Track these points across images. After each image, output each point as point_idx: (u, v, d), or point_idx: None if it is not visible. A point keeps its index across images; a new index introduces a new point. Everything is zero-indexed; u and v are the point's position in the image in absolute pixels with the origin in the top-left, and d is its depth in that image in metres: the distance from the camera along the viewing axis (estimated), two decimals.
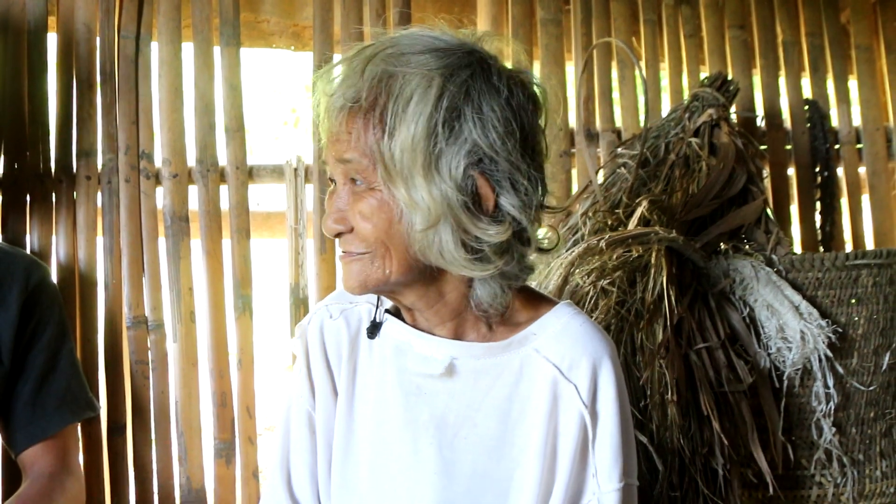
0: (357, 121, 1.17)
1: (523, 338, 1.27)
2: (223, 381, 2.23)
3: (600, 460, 1.24)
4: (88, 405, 1.90)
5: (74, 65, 2.20)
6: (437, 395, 1.29)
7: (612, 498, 1.24)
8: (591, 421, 1.24)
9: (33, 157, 2.16)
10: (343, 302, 1.39)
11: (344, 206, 1.20)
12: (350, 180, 1.20)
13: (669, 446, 1.74)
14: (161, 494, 2.19)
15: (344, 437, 1.35)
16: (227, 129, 2.27)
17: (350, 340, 1.36)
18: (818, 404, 1.93)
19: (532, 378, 1.26)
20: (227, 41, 2.28)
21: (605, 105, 2.49)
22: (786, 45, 2.64)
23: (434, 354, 1.28)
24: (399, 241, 1.19)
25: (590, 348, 1.25)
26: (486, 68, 1.19)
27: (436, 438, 1.28)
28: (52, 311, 1.86)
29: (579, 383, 1.24)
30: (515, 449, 1.27)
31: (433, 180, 1.15)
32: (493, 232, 1.18)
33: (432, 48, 1.18)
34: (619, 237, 1.85)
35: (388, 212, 1.17)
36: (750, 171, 2.07)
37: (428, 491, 1.27)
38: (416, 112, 1.14)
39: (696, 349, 1.83)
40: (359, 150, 1.17)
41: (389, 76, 1.16)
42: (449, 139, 1.15)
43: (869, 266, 1.97)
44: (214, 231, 2.24)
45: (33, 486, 1.74)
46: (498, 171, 1.18)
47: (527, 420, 1.26)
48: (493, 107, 1.17)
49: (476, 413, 1.27)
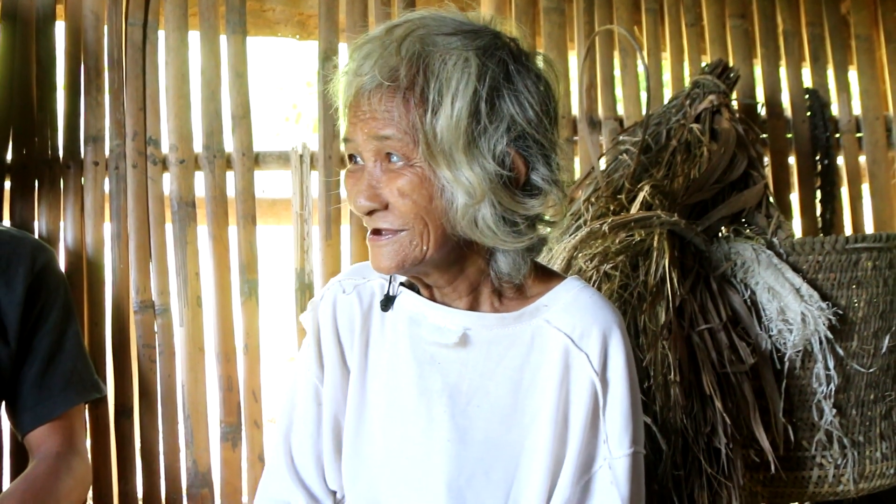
0: (395, 99, 1.18)
1: (535, 309, 1.31)
2: (229, 366, 2.25)
3: (611, 426, 1.28)
4: (94, 386, 1.92)
5: (82, 52, 2.22)
6: (450, 364, 1.32)
7: (622, 463, 1.27)
8: (601, 388, 1.27)
9: (41, 143, 2.18)
10: (356, 278, 1.42)
11: (377, 184, 1.21)
12: (384, 156, 1.21)
13: (673, 426, 1.76)
14: (168, 477, 2.21)
15: (356, 410, 1.37)
16: (234, 116, 2.30)
17: (363, 315, 1.39)
18: (819, 386, 1.95)
19: (543, 348, 1.30)
20: (233, 29, 2.31)
21: (608, 93, 2.51)
22: (786, 35, 2.66)
23: (448, 325, 1.31)
24: (438, 217, 1.21)
25: (600, 318, 1.29)
26: (514, 49, 1.23)
27: (449, 406, 1.31)
28: (58, 294, 1.88)
29: (590, 352, 1.28)
30: (527, 417, 1.30)
31: (475, 157, 1.18)
32: (531, 205, 1.22)
33: (461, 30, 1.21)
34: (622, 221, 1.87)
35: (428, 188, 1.19)
36: (751, 156, 2.09)
37: (441, 457, 1.30)
38: (458, 90, 1.17)
39: (698, 331, 1.85)
40: (399, 127, 1.18)
41: (427, 55, 1.18)
42: (490, 116, 1.18)
43: (869, 250, 1.99)
44: (221, 216, 2.26)
45: (40, 466, 1.76)
46: (531, 147, 1.22)
47: (538, 388, 1.30)
48: (527, 85, 1.21)
49: (488, 382, 1.31)
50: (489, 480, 1.29)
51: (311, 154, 2.34)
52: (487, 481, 1.29)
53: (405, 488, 1.32)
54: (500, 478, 1.29)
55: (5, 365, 1.79)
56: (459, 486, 1.29)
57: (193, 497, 2.21)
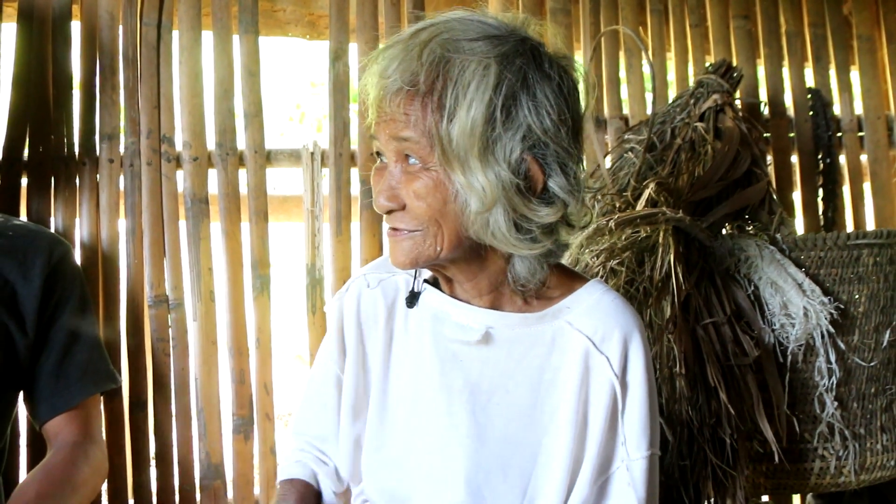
0: (415, 103, 1.20)
1: (557, 311, 1.33)
2: (242, 359, 2.29)
3: (629, 429, 1.30)
4: (110, 377, 1.95)
5: (98, 51, 2.26)
6: (472, 361, 1.34)
7: (639, 465, 1.30)
8: (621, 391, 1.30)
9: (57, 141, 2.22)
10: (381, 272, 1.45)
11: (396, 185, 1.24)
12: (404, 157, 1.23)
13: (678, 418, 1.80)
14: (181, 469, 2.25)
15: (379, 403, 1.41)
16: (246, 114, 2.33)
17: (387, 309, 1.42)
18: (820, 379, 1.98)
19: (564, 349, 1.32)
20: (245, 28, 2.35)
21: (613, 93, 2.55)
22: (789, 35, 2.70)
23: (471, 323, 1.33)
24: (452, 220, 1.23)
25: (621, 322, 1.31)
26: (539, 55, 1.23)
27: (469, 403, 1.33)
28: (74, 286, 1.92)
29: (611, 355, 1.30)
30: (545, 416, 1.32)
31: (489, 163, 1.19)
32: (544, 213, 1.23)
33: (486, 35, 1.22)
34: (628, 217, 1.91)
35: (443, 192, 1.21)
36: (754, 154, 2.13)
37: (459, 453, 1.33)
38: (474, 97, 1.17)
39: (702, 324, 1.88)
40: (417, 130, 1.20)
41: (447, 61, 1.19)
42: (506, 124, 1.19)
43: (870, 246, 2.02)
44: (233, 213, 2.30)
45: (58, 455, 1.79)
46: (549, 155, 1.22)
47: (557, 389, 1.32)
48: (546, 93, 1.21)
49: (509, 380, 1.33)
50: (507, 478, 1.32)
51: (322, 152, 2.38)
52: (505, 478, 1.32)
53: (424, 483, 1.35)
54: (518, 476, 1.32)
55: (23, 355, 1.82)
56: (478, 483, 1.31)
57: (206, 489, 2.25)
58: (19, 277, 1.83)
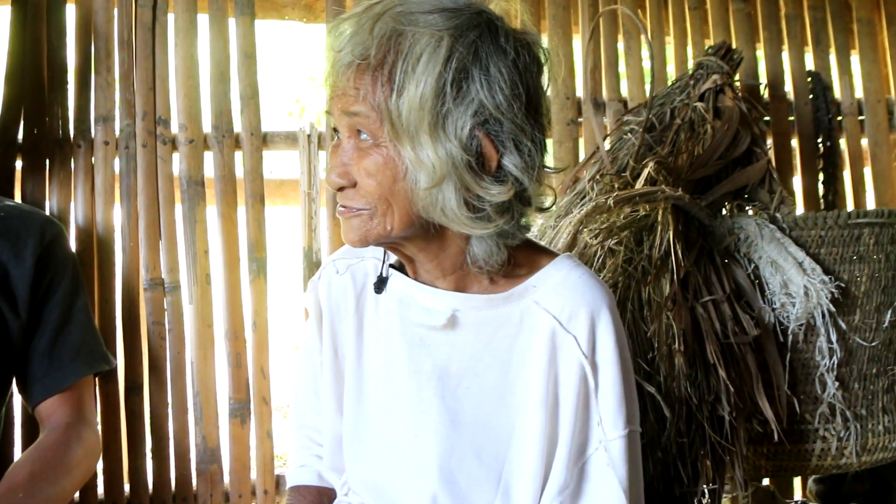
0: (365, 77, 1.17)
1: (523, 290, 1.29)
2: (238, 343, 2.27)
3: (604, 409, 1.27)
4: (103, 358, 1.94)
5: (93, 33, 2.25)
6: (439, 346, 1.32)
7: (617, 445, 1.27)
8: (591, 371, 1.26)
9: (52, 123, 2.22)
10: (350, 257, 1.42)
11: (348, 161, 1.21)
12: (356, 133, 1.20)
13: (677, 395, 1.78)
14: (177, 453, 2.24)
15: (355, 391, 1.39)
16: (242, 97, 2.32)
17: (356, 295, 1.39)
18: (821, 359, 1.96)
19: (532, 329, 1.28)
20: (241, 11, 2.33)
21: (612, 75, 2.53)
22: (788, 19, 2.68)
23: (436, 306, 1.30)
24: (402, 198, 1.19)
25: (588, 299, 1.27)
26: (494, 29, 1.19)
27: (439, 388, 1.31)
28: (67, 267, 1.90)
29: (578, 334, 1.26)
30: (517, 398, 1.29)
31: (439, 139, 1.15)
32: (496, 192, 1.19)
33: (441, 7, 1.18)
34: (627, 195, 1.89)
35: (392, 169, 1.18)
36: (754, 133, 2.11)
37: (432, 439, 1.30)
38: (424, 71, 1.14)
39: (702, 302, 1.87)
40: (367, 104, 1.17)
41: (399, 34, 1.16)
42: (456, 99, 1.15)
43: (870, 225, 2.00)
44: (229, 195, 2.29)
45: (51, 436, 1.78)
46: (502, 132, 1.18)
47: (527, 370, 1.29)
48: (500, 68, 1.17)
49: (478, 363, 1.30)
50: (481, 462, 1.29)
51: (319, 134, 2.37)
52: (479, 463, 1.29)
53: (400, 471, 1.34)
54: (492, 459, 1.29)
55: (16, 337, 1.81)
56: (451, 468, 1.29)
57: (202, 473, 2.24)
58: (11, 258, 1.82)
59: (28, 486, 1.65)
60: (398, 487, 1.33)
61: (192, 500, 2.24)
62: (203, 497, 2.23)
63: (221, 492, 2.25)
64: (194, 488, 2.24)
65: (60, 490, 1.71)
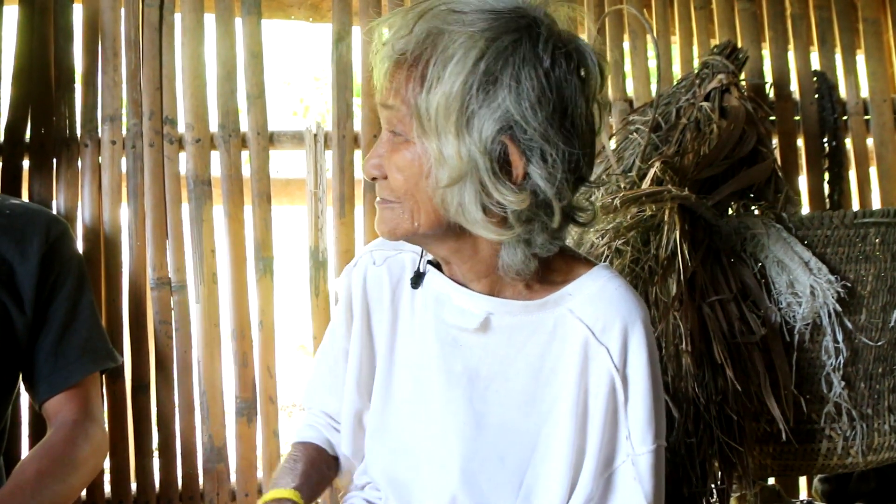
0: (401, 73, 1.20)
1: (559, 297, 1.30)
2: (244, 342, 2.28)
3: (633, 423, 1.27)
4: (109, 355, 1.94)
5: (100, 33, 2.26)
6: (471, 348, 1.32)
7: (645, 459, 1.27)
8: (622, 384, 1.26)
9: (59, 122, 2.22)
10: (387, 249, 1.43)
11: (383, 153, 1.24)
12: (392, 130, 1.23)
13: (684, 395, 1.78)
14: (184, 452, 2.24)
15: (384, 384, 1.40)
16: (249, 96, 2.32)
17: (392, 288, 1.40)
18: (827, 359, 1.97)
19: (564, 338, 1.29)
20: (248, 10, 2.34)
21: (617, 74, 2.53)
22: (794, 18, 2.68)
23: (471, 308, 1.31)
24: (426, 196, 1.21)
25: (623, 311, 1.27)
26: (535, 35, 1.18)
27: (467, 390, 1.32)
28: (72, 264, 1.91)
29: (611, 346, 1.26)
30: (545, 405, 1.30)
31: (463, 139, 1.16)
32: (512, 199, 1.18)
33: (485, 9, 1.19)
34: (633, 195, 1.89)
35: (418, 166, 1.20)
36: (760, 133, 2.11)
37: (456, 439, 1.31)
38: (454, 71, 1.15)
39: (708, 302, 1.87)
40: (399, 99, 1.20)
41: (438, 33, 1.18)
42: (483, 102, 1.16)
43: (877, 225, 2.00)
44: (236, 195, 2.29)
45: (58, 434, 1.78)
46: (530, 141, 1.17)
47: (558, 378, 1.29)
48: (531, 75, 1.16)
49: (508, 368, 1.31)
50: (503, 466, 1.30)
51: (326, 134, 2.37)
52: (502, 466, 1.30)
53: (423, 468, 1.34)
54: (515, 464, 1.30)
55: (21, 334, 1.81)
56: (473, 470, 1.30)
57: (209, 472, 2.24)
58: (17, 256, 1.82)
59: (35, 483, 1.65)
60: (419, 484, 1.34)
61: (199, 498, 2.24)
62: (210, 496, 2.24)
63: (228, 490, 2.26)
64: (201, 487, 2.25)
65: (68, 487, 1.72)
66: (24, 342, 1.82)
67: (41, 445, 1.76)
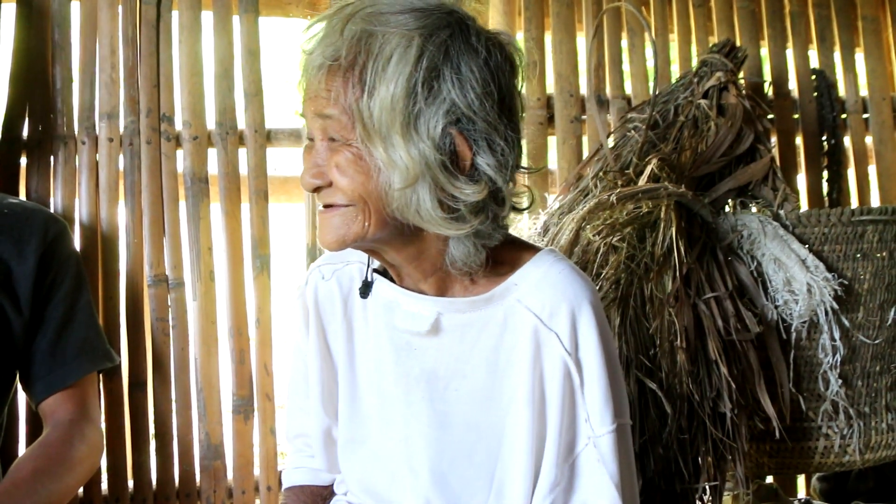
0: (336, 79, 1.17)
1: (505, 289, 1.29)
2: (241, 339, 2.27)
3: (591, 405, 1.26)
4: (106, 355, 1.94)
5: (97, 30, 2.26)
6: (426, 350, 1.32)
7: (607, 440, 1.26)
8: (575, 367, 1.25)
9: (57, 120, 2.22)
10: (335, 262, 1.41)
11: (322, 162, 1.20)
12: (328, 138, 1.20)
13: (678, 392, 1.78)
14: (181, 449, 2.24)
15: (349, 395, 1.39)
16: (246, 94, 2.32)
17: (343, 300, 1.39)
18: (825, 356, 1.96)
19: (515, 328, 1.28)
20: (245, 8, 2.34)
21: (616, 72, 2.53)
22: (793, 16, 2.68)
23: (420, 311, 1.30)
24: (375, 198, 1.19)
25: (569, 294, 1.26)
26: (465, 29, 1.19)
27: (427, 392, 1.31)
28: (70, 264, 1.91)
29: (560, 331, 1.25)
30: (505, 398, 1.29)
31: (411, 139, 1.15)
32: (470, 191, 1.18)
33: (412, 8, 1.17)
34: (630, 192, 1.89)
35: (364, 167, 1.18)
36: (757, 131, 2.11)
37: (422, 442, 1.31)
38: (395, 72, 1.14)
39: (704, 299, 1.87)
40: (338, 107, 1.17)
41: (369, 35, 1.15)
42: (428, 99, 1.15)
43: (874, 222, 2.00)
44: (233, 192, 2.29)
45: (53, 434, 1.78)
46: (475, 131, 1.18)
47: (514, 369, 1.28)
48: (471, 67, 1.17)
49: (465, 365, 1.30)
50: (472, 463, 1.30)
51: None
52: (471, 464, 1.30)
53: (396, 473, 1.34)
54: (484, 460, 1.30)
55: (18, 334, 1.81)
56: (442, 471, 1.30)
57: (206, 469, 2.24)
58: (14, 255, 1.82)
59: (32, 481, 1.65)
60: (394, 490, 1.34)
61: (196, 496, 2.24)
62: (206, 493, 2.24)
63: (225, 488, 2.25)
64: (198, 484, 2.24)
65: (63, 486, 1.72)
66: (20, 342, 1.82)
67: (38, 444, 1.76)
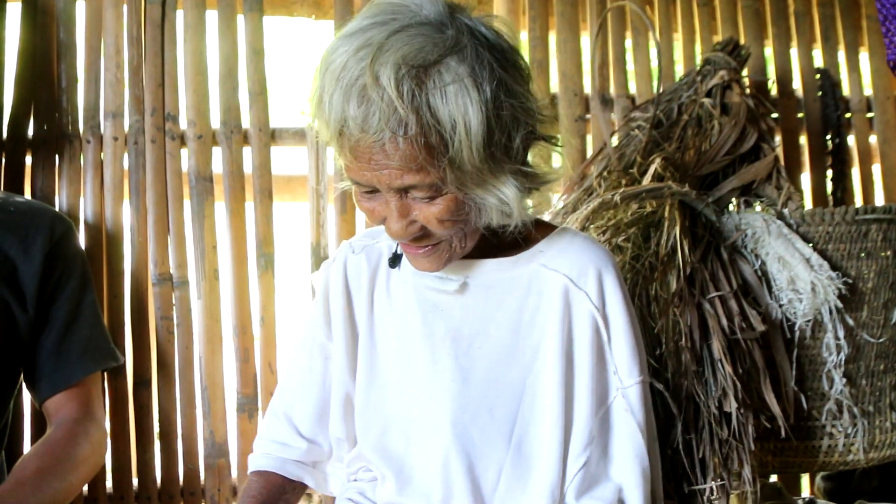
0: (412, 146, 1.15)
1: (531, 255, 1.39)
2: (246, 338, 2.28)
3: (619, 358, 1.37)
4: (111, 354, 1.95)
5: (102, 29, 2.26)
6: (451, 310, 1.40)
7: (634, 391, 1.37)
8: (603, 323, 1.36)
9: (62, 119, 2.23)
10: (366, 239, 1.49)
11: (409, 212, 1.23)
12: (411, 197, 1.22)
13: (684, 391, 1.78)
14: (185, 448, 2.24)
15: (368, 363, 1.44)
16: (251, 93, 2.33)
17: (370, 274, 1.46)
18: (829, 355, 1.96)
19: (541, 290, 1.37)
20: (250, 7, 2.34)
21: (620, 72, 2.53)
22: (797, 15, 2.67)
23: (449, 273, 1.38)
24: (473, 222, 1.27)
25: (595, 258, 1.38)
26: (485, 44, 1.21)
27: (452, 349, 1.38)
28: (75, 263, 1.91)
29: (589, 290, 1.36)
30: (526, 357, 1.37)
31: (501, 169, 1.23)
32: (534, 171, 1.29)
33: (435, 42, 1.16)
34: (634, 191, 1.89)
35: (463, 211, 1.24)
36: (761, 129, 2.11)
37: (446, 397, 1.36)
38: (468, 120, 1.16)
39: (709, 298, 1.86)
40: (422, 172, 1.18)
41: (426, 93, 1.15)
42: (502, 128, 1.20)
43: (878, 221, 2.00)
44: (238, 191, 2.30)
45: (57, 432, 1.79)
46: (523, 113, 1.25)
47: (537, 329, 1.37)
48: (506, 69, 1.22)
49: (489, 324, 1.38)
50: (493, 417, 1.35)
51: None
52: (491, 419, 1.35)
53: (414, 434, 1.38)
54: (504, 415, 1.35)
55: (23, 333, 1.82)
56: (464, 423, 1.35)
57: (210, 467, 2.25)
58: (20, 254, 1.83)
59: (36, 480, 1.66)
60: (411, 452, 1.39)
61: (200, 494, 2.25)
62: (211, 491, 2.24)
63: (229, 486, 2.26)
64: (202, 482, 2.25)
65: (67, 485, 1.72)
66: (25, 340, 1.83)
67: (42, 443, 1.77)
